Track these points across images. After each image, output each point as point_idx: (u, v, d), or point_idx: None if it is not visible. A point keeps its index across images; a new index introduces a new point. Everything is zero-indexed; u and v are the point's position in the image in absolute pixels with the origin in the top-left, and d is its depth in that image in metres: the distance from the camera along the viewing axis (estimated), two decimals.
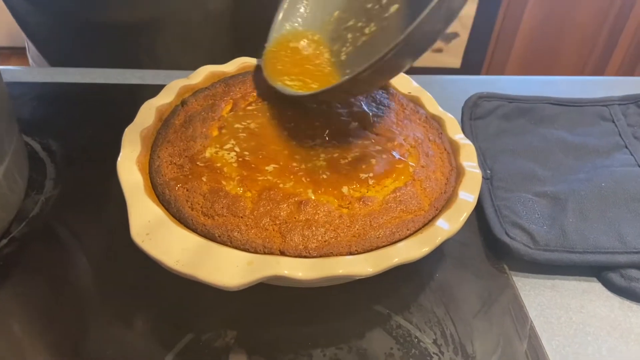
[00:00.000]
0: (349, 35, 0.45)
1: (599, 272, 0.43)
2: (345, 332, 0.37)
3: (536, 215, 0.44)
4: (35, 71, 0.61)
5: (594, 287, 0.42)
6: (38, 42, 0.72)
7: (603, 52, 1.69)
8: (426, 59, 1.78)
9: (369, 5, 0.45)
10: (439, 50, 1.79)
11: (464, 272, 0.42)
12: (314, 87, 0.43)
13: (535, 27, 1.64)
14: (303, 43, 0.47)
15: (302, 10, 0.49)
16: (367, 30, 0.45)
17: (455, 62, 1.80)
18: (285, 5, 0.48)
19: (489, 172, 0.49)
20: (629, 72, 1.67)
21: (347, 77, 0.35)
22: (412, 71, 0.53)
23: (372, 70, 0.33)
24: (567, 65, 1.72)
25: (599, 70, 1.71)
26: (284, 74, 0.44)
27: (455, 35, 1.75)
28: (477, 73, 1.77)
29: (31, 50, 0.75)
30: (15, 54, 2.18)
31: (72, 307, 0.38)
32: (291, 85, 0.43)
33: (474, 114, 0.54)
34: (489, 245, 0.44)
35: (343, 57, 0.45)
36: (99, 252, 0.41)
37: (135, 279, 0.40)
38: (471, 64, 1.77)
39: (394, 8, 0.44)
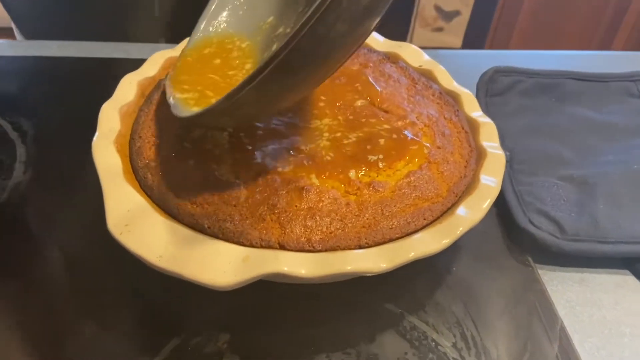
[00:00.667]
0: (275, 46, 0.36)
1: (632, 263, 0.38)
2: (352, 335, 0.33)
3: (562, 202, 0.40)
4: (6, 44, 0.56)
5: (627, 281, 0.38)
6: (15, 15, 0.67)
7: (608, 27, 1.64)
8: (425, 39, 1.73)
9: (300, 9, 0.37)
10: (440, 29, 1.73)
11: (484, 266, 0.38)
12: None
13: (539, 2, 1.59)
14: (229, 47, 0.38)
15: (233, 8, 0.40)
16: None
17: (456, 41, 1.75)
18: (216, 2, 0.40)
19: (508, 154, 0.44)
20: (636, 47, 1.62)
21: (223, 96, 0.26)
22: None
23: (253, 88, 0.25)
24: (572, 42, 1.67)
25: (604, 47, 1.66)
26: (179, 83, 0.35)
27: (456, 13, 1.69)
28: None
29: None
30: (2, 34, 2.10)
31: (43, 307, 0.33)
32: (181, 98, 0.33)
33: (491, 90, 0.50)
34: (510, 235, 0.40)
35: None
36: (74, 245, 0.37)
37: (115, 275, 0.35)
38: (473, 43, 1.71)
39: None
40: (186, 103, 0.33)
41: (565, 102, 0.49)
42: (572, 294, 0.37)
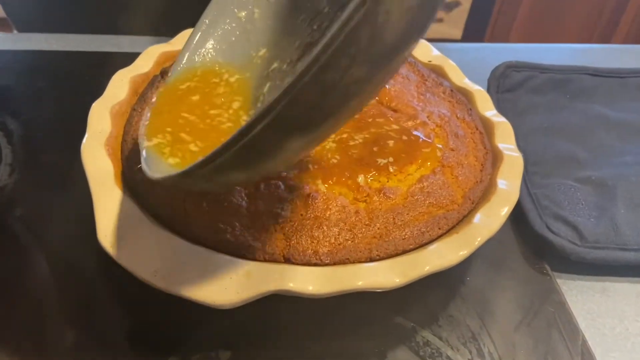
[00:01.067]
0: (268, 85, 0.31)
1: None
2: (361, 351, 0.31)
3: (580, 205, 0.38)
4: None
5: None
6: (7, 6, 0.64)
7: (609, 20, 1.62)
8: None
9: (297, 43, 0.31)
10: (439, 20, 1.70)
11: (499, 275, 0.35)
12: (194, 149, 0.27)
13: None
14: (214, 82, 0.32)
15: (224, 34, 0.33)
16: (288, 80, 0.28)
17: (456, 33, 1.72)
18: (203, 27, 0.34)
19: (522, 155, 0.42)
20: (638, 39, 1.60)
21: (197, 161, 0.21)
22: None
23: (237, 152, 0.20)
24: (573, 34, 1.65)
25: (606, 39, 1.63)
26: (154, 127, 0.29)
27: (456, 4, 1.66)
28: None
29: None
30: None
31: (28, 322, 0.31)
32: (151, 145, 0.27)
33: (502, 86, 0.47)
34: (526, 242, 0.38)
35: (245, 118, 0.30)
36: (62, 255, 0.34)
37: (107, 286, 0.33)
38: (473, 35, 1.69)
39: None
40: (160, 152, 0.27)
41: (579, 98, 0.47)
42: (592, 304, 0.35)
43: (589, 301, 0.35)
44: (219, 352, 0.30)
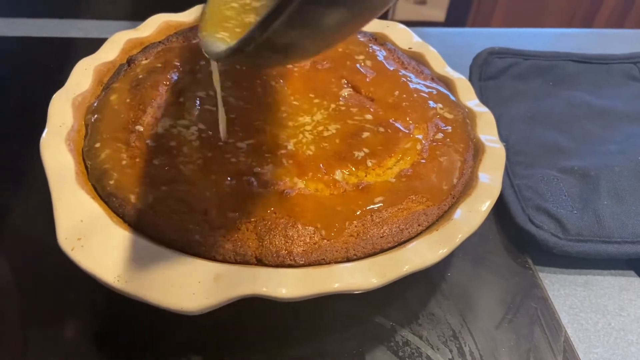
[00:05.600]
0: None
1: (637, 264, 0.36)
2: (339, 353, 0.30)
3: (563, 197, 0.37)
4: None
5: (632, 283, 0.35)
6: None
7: (591, 2, 1.61)
8: (406, 12, 1.67)
9: None
10: (422, 2, 1.68)
11: (481, 270, 0.35)
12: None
13: None
14: None
15: None
16: None
17: (439, 14, 1.70)
18: None
19: (504, 144, 0.41)
20: (618, 24, 1.60)
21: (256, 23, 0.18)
22: None
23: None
24: (554, 16, 1.64)
25: (587, 22, 1.63)
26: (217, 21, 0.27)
27: None
28: (462, 27, 1.67)
29: None
30: None
31: None
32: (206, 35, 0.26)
33: (485, 74, 0.46)
34: (508, 235, 0.37)
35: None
36: (21, 257, 0.33)
37: (68, 291, 0.31)
38: (456, 17, 1.67)
39: None
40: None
41: (563, 86, 0.46)
42: (575, 299, 0.34)
43: (571, 295, 0.34)
44: (189, 357, 0.29)
